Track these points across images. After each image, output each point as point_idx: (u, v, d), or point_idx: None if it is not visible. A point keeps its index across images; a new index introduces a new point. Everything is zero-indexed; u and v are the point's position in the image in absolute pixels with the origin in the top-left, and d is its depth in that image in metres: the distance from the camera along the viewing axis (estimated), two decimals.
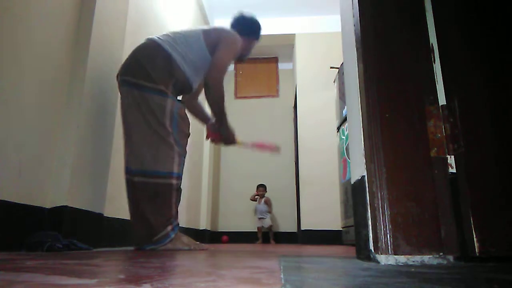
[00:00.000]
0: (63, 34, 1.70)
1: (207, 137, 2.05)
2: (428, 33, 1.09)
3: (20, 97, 1.43)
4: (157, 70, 1.66)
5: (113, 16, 2.02)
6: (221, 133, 1.94)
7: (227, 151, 5.85)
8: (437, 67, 1.06)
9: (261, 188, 5.22)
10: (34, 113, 1.51)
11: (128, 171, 1.62)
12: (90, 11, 1.83)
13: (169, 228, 1.57)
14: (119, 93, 1.81)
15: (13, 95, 1.39)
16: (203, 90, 1.85)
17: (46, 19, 1.59)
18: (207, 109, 2.02)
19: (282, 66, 6.25)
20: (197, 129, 4.22)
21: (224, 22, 1.74)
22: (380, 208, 0.95)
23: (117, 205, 2.02)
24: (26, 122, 1.46)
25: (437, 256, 0.91)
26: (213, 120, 1.98)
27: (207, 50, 1.78)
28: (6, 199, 1.32)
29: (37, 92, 1.52)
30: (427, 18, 1.10)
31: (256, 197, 5.17)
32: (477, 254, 0.88)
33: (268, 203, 5.12)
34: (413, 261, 0.91)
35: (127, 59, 1.75)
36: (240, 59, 2.09)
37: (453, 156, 0.99)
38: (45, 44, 1.57)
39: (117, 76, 1.76)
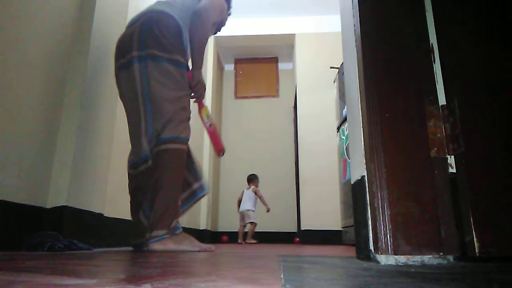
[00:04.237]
0: (63, 33, 1.70)
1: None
2: (428, 33, 1.09)
3: (20, 97, 1.43)
4: (172, 40, 1.62)
5: (113, 14, 2.02)
6: (194, 76, 1.69)
7: (227, 151, 5.84)
8: (437, 67, 1.06)
9: (251, 179, 4.71)
10: (34, 113, 1.51)
11: (161, 141, 1.56)
12: (90, 10, 1.83)
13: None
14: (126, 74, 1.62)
15: (13, 95, 1.39)
16: None
17: (46, 19, 1.59)
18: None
19: (282, 66, 6.25)
20: (197, 129, 4.23)
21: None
22: (380, 208, 0.95)
23: (117, 205, 2.02)
24: (26, 122, 1.46)
25: (437, 256, 0.91)
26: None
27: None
28: (6, 199, 1.32)
29: (37, 91, 1.52)
30: (427, 18, 1.10)
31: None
32: (477, 254, 0.88)
33: (257, 194, 4.61)
34: (413, 261, 0.91)
35: (149, 32, 1.60)
36: (217, 30, 1.99)
37: (453, 156, 0.99)
38: (44, 44, 1.57)
39: (128, 49, 1.61)
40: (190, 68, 1.72)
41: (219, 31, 2.03)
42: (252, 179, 4.74)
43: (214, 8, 1.76)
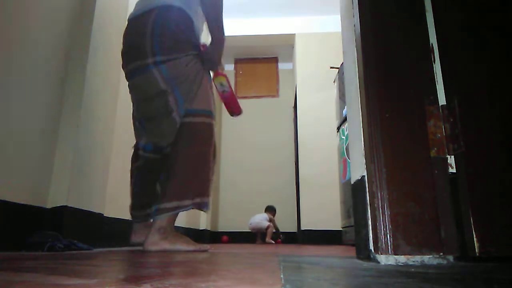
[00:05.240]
0: (63, 33, 1.70)
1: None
2: (428, 33, 1.09)
3: (20, 97, 1.43)
4: (185, 36, 1.59)
5: (114, 13, 2.02)
6: (213, 44, 1.65)
7: (227, 151, 5.85)
8: (437, 67, 1.06)
9: (270, 209, 4.93)
10: (34, 113, 1.51)
11: (189, 112, 1.56)
12: (91, 9, 1.83)
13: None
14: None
15: (13, 95, 1.39)
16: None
17: (46, 18, 1.59)
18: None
19: (282, 66, 6.25)
20: None
21: (225, 22, 1.69)
22: (380, 208, 0.95)
23: (117, 205, 2.02)
24: (26, 121, 1.46)
25: (437, 256, 0.91)
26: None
27: None
28: (6, 199, 1.32)
29: (37, 92, 1.52)
30: (427, 18, 1.10)
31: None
32: (477, 254, 0.88)
33: (272, 222, 4.81)
34: (413, 261, 0.91)
35: (160, 34, 1.54)
36: None
37: (453, 156, 0.99)
38: (44, 44, 1.57)
39: (136, 58, 1.56)
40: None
41: None
42: (270, 209, 4.95)
43: None
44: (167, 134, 1.59)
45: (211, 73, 1.78)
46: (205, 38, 1.74)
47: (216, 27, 1.64)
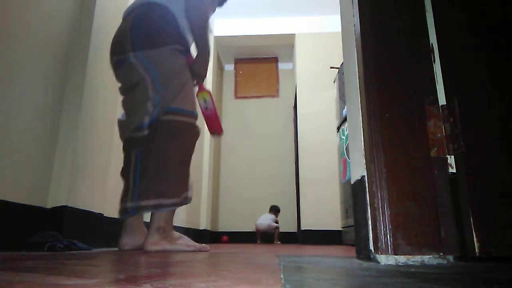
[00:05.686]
0: (63, 33, 1.70)
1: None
2: (428, 33, 1.09)
3: (20, 97, 1.43)
4: (164, 31, 1.60)
5: (113, 13, 2.02)
6: (198, 57, 1.68)
7: (227, 151, 5.85)
8: (437, 67, 1.06)
9: (275, 209, 5.02)
10: (34, 113, 1.51)
11: (170, 111, 1.54)
12: (91, 9, 1.83)
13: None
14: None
15: (13, 95, 1.39)
16: None
17: (46, 18, 1.59)
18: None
19: (282, 66, 6.25)
20: None
21: (224, 22, 1.69)
22: (380, 208, 0.95)
23: (117, 205, 2.02)
24: (26, 122, 1.46)
25: (437, 256, 0.91)
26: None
27: None
28: (6, 199, 1.32)
29: (37, 92, 1.52)
30: (427, 18, 1.10)
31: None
32: (477, 254, 0.88)
33: (277, 223, 4.92)
34: (413, 261, 0.91)
35: (141, 27, 1.58)
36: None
37: (453, 156, 0.99)
38: (45, 44, 1.57)
39: (123, 48, 1.58)
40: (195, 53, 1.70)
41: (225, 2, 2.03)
42: (274, 209, 5.02)
43: None
44: (136, 117, 1.55)
45: (196, 88, 1.77)
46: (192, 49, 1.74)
47: (201, 40, 1.67)
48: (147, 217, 1.64)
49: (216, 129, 1.84)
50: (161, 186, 1.48)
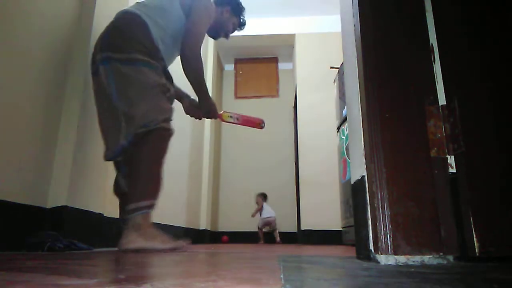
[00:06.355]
0: (63, 33, 1.70)
1: (186, 113, 1.95)
2: (428, 33, 1.09)
3: (20, 97, 1.43)
4: (129, 39, 1.58)
5: (113, 13, 2.02)
6: (201, 107, 1.83)
7: (227, 151, 5.86)
8: (437, 67, 1.06)
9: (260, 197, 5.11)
10: (34, 113, 1.51)
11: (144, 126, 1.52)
12: (91, 9, 1.83)
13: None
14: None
15: (13, 95, 1.39)
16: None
17: (47, 19, 1.59)
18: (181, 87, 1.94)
19: (282, 66, 6.25)
20: (196, 128, 4.22)
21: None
22: (380, 208, 0.95)
23: (117, 205, 2.02)
24: (26, 122, 1.46)
25: (437, 256, 0.91)
26: (190, 98, 1.92)
27: (183, 15, 1.70)
28: (6, 199, 1.32)
29: (37, 92, 1.52)
30: (427, 18, 1.10)
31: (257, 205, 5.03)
32: (477, 254, 0.88)
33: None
34: (413, 261, 0.91)
35: (109, 34, 1.59)
36: (217, 33, 2.06)
37: (453, 156, 0.99)
38: (45, 44, 1.57)
39: (95, 54, 1.59)
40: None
41: (238, 28, 2.23)
42: (266, 197, 5.11)
43: (203, 23, 1.75)
44: (110, 147, 1.55)
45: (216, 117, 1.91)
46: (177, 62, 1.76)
47: (199, 91, 1.77)
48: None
49: (257, 124, 2.04)
50: (139, 189, 1.49)
